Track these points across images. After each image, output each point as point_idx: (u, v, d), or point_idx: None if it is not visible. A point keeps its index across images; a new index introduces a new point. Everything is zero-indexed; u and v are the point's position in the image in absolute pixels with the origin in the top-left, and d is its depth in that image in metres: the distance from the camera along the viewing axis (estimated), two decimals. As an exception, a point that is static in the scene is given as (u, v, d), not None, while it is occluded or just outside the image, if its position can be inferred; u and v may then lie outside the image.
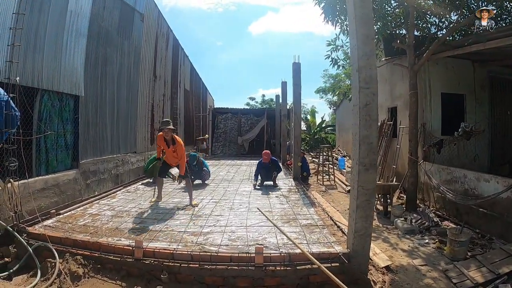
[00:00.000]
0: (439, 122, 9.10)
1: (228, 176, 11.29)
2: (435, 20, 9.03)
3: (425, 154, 8.62)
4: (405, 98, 9.41)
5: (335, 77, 35.21)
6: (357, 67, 3.89)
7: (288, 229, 5.22)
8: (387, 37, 8.93)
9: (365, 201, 3.96)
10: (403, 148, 9.63)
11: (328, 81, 37.84)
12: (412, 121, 8.00)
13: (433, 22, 9.07)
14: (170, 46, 14.92)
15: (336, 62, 8.79)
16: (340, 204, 8.93)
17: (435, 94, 9.06)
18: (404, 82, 9.33)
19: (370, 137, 3.90)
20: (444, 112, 9.15)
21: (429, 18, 8.91)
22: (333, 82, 35.90)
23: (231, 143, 22.29)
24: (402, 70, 9.60)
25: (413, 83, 7.91)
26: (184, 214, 6.09)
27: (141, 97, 11.03)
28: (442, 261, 5.32)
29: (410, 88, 7.97)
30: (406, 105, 9.15)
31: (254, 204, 6.96)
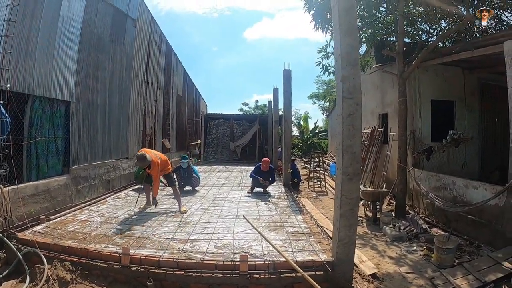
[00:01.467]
0: (428, 129, 9.16)
1: (219, 183, 11.29)
2: (426, 27, 9.13)
3: (414, 161, 8.68)
4: (395, 105, 9.47)
5: (328, 83, 35.43)
6: (340, 77, 3.93)
7: (274, 237, 5.25)
8: (378, 44, 9.01)
9: (348, 210, 3.99)
10: (394, 154, 9.67)
11: (321, 87, 38.19)
12: (402, 128, 8.07)
13: (424, 29, 9.17)
14: (163, 52, 14.94)
15: (326, 69, 8.84)
16: (330, 210, 8.88)
17: (425, 101, 9.13)
18: (395, 89, 9.38)
19: (354, 146, 3.93)
20: (434, 119, 9.22)
21: (420, 25, 9.00)
22: (326, 88, 36.11)
23: (223, 148, 22.34)
24: (392, 77, 9.68)
25: (402, 90, 7.99)
26: (172, 221, 6.10)
27: (133, 103, 11.03)
28: (429, 269, 5.35)
29: (400, 96, 8.05)
30: (396, 112, 9.19)
31: (243, 211, 6.96)
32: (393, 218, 7.65)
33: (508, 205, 5.65)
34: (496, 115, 9.67)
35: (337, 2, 4.00)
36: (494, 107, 9.61)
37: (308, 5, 8.13)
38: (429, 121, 9.17)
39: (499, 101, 9.64)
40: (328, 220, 7.10)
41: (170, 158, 8.30)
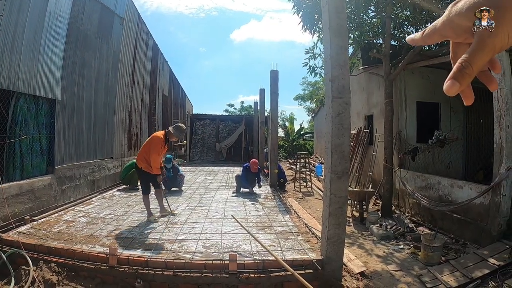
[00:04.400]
0: (414, 130, 9.31)
1: (205, 183, 11.22)
2: (412, 30, 9.26)
3: (400, 162, 8.80)
4: (381, 106, 9.61)
5: (314, 85, 35.70)
6: (330, 77, 3.97)
7: (262, 236, 5.25)
8: (365, 46, 9.12)
9: (337, 209, 4.03)
10: (379, 155, 9.80)
11: (307, 89, 38.46)
12: (388, 129, 8.18)
13: (410, 32, 9.30)
14: (150, 51, 14.83)
15: (313, 70, 8.93)
16: (317, 210, 9.01)
17: (411, 102, 9.27)
18: (381, 90, 9.51)
19: (343, 145, 3.98)
20: (419, 120, 9.37)
21: (406, 28, 9.13)
22: (312, 89, 36.33)
23: (209, 149, 22.17)
24: (378, 78, 9.81)
25: (389, 91, 8.10)
26: (159, 221, 6.05)
27: (119, 102, 10.92)
28: (416, 266, 5.44)
29: (386, 97, 8.16)
30: (382, 113, 9.32)
31: (230, 211, 6.95)
32: (380, 218, 7.75)
33: (493, 203, 5.79)
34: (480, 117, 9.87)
35: (327, 3, 4.04)
36: (478, 109, 9.81)
37: (297, 6, 8.19)
38: (414, 122, 9.32)
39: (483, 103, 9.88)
40: (315, 220, 7.16)
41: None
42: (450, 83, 0.54)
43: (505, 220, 5.73)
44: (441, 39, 0.62)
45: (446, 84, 0.55)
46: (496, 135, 5.88)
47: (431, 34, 0.62)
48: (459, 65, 0.53)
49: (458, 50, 0.62)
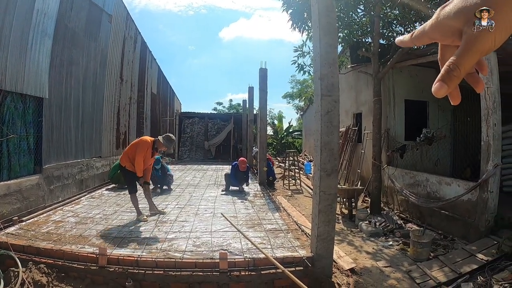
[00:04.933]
0: (402, 128, 9.41)
1: (194, 181, 11.18)
2: (400, 29, 9.35)
3: (388, 159, 8.88)
4: (369, 104, 9.68)
5: (303, 83, 35.66)
6: (319, 75, 3.98)
7: (252, 234, 5.25)
8: (353, 44, 9.18)
9: (327, 206, 4.05)
10: (368, 153, 9.89)
11: (296, 87, 38.29)
12: (376, 126, 8.25)
13: (399, 31, 9.39)
14: (138, 49, 14.66)
15: (302, 68, 8.98)
16: (306, 208, 9.05)
17: (399, 101, 9.36)
18: (369, 88, 9.59)
19: (332, 143, 3.99)
20: (407, 119, 9.47)
21: (395, 27, 9.22)
22: (301, 87, 36.32)
23: (198, 147, 22.10)
24: (367, 77, 9.88)
25: (377, 90, 8.17)
26: (149, 220, 6.00)
27: (107, 100, 10.78)
28: (405, 262, 5.51)
29: (374, 95, 8.23)
30: (370, 111, 9.40)
31: (220, 209, 6.93)
32: (369, 215, 7.82)
33: (480, 200, 5.88)
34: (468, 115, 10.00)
35: (317, 1, 4.05)
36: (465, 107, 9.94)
37: (286, 4, 8.21)
38: (402, 120, 9.41)
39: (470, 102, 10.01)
40: (304, 218, 7.18)
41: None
42: (438, 85, 0.55)
43: (493, 216, 5.83)
44: (430, 41, 0.63)
45: (435, 86, 0.55)
46: (483, 133, 5.96)
47: (420, 36, 0.63)
48: (447, 67, 0.54)
49: (445, 53, 0.62)
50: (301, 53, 8.87)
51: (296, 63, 8.98)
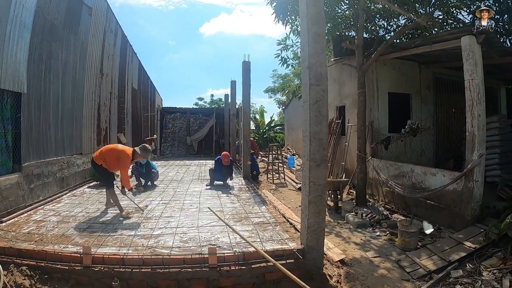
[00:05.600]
0: (386, 120, 9.41)
1: (178, 177, 11.01)
2: (383, 23, 9.36)
3: (373, 151, 8.86)
4: (353, 97, 9.66)
5: (284, 77, 35.54)
6: (307, 64, 3.88)
7: (240, 228, 5.14)
8: (336, 38, 9.13)
9: (317, 197, 3.97)
10: (352, 145, 9.88)
11: (277, 81, 38.00)
12: (361, 119, 8.22)
13: (381, 25, 9.39)
14: (119, 43, 14.20)
15: (285, 61, 8.91)
16: (291, 201, 8.97)
17: (383, 93, 9.35)
18: (353, 81, 9.56)
19: (321, 133, 3.91)
20: (391, 111, 9.48)
21: (377, 21, 9.20)
22: (282, 82, 36.19)
23: (180, 143, 21.76)
24: (350, 70, 9.85)
25: (361, 82, 8.13)
26: (133, 217, 5.82)
27: (87, 95, 10.42)
28: (394, 252, 5.49)
29: (359, 87, 8.19)
30: (354, 104, 9.38)
31: (205, 204, 6.81)
32: (355, 206, 7.79)
33: (466, 189, 5.91)
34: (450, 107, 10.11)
35: (304, -10, 3.95)
36: (447, 100, 10.05)
37: (270, -3, 8.08)
38: (386, 113, 9.41)
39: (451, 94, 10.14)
40: (290, 211, 7.09)
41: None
42: None
43: (478, 205, 5.87)
44: None
45: None
46: (468, 124, 5.98)
47: None
48: None
49: None
50: (284, 46, 8.79)
51: (280, 56, 8.88)
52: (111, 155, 6.13)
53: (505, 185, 7.10)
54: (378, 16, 8.95)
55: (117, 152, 6.16)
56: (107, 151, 6.25)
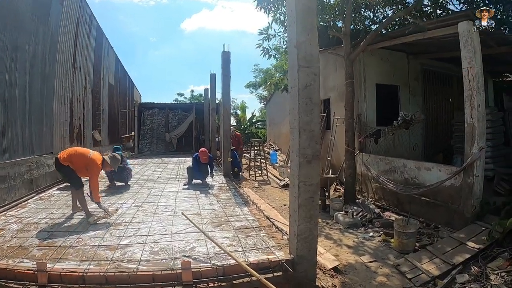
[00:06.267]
0: (374, 113, 8.81)
1: (154, 176, 10.11)
2: (369, 14, 8.81)
3: (361, 145, 8.25)
4: (339, 89, 9.05)
5: (266, 72, 34.69)
6: (295, 42, 3.20)
7: (219, 234, 4.45)
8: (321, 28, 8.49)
9: (308, 199, 3.30)
10: (338, 140, 9.28)
11: (259, 76, 37.07)
12: (349, 111, 7.56)
13: (367, 16, 8.84)
14: (93, 35, 13.18)
15: (267, 51, 8.28)
16: (275, 200, 8.31)
17: (370, 85, 8.74)
18: (338, 73, 8.95)
19: (312, 123, 3.23)
20: (379, 103, 8.89)
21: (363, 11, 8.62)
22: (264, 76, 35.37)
23: (159, 140, 20.60)
24: (336, 61, 9.21)
25: (349, 72, 7.47)
26: (100, 223, 5.06)
27: (58, 90, 9.50)
28: (390, 255, 4.92)
29: (346, 78, 7.51)
30: (340, 96, 8.80)
31: (181, 206, 6.09)
32: (344, 204, 7.17)
33: (465, 185, 5.40)
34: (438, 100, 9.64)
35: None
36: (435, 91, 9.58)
37: (253, -17, 7.41)
38: (374, 105, 8.81)
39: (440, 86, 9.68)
40: (275, 211, 6.41)
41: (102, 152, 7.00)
42: None
43: (478, 202, 5.39)
44: None
45: None
46: (467, 115, 5.42)
47: None
48: None
49: None
50: (266, 36, 8.16)
51: (261, 46, 8.24)
52: (79, 162, 5.37)
53: (500, 179, 6.60)
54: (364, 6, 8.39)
55: (86, 160, 5.40)
56: (76, 155, 5.45)
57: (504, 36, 6.70)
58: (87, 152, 5.55)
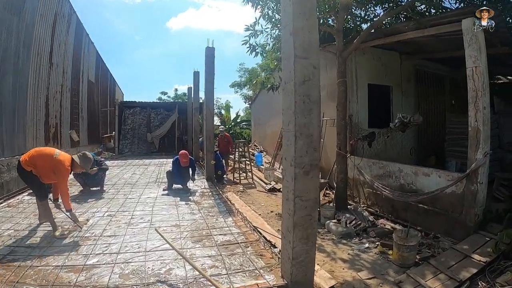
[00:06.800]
0: (366, 114, 8.30)
1: (133, 179, 9.32)
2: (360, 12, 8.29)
3: (352, 148, 7.71)
4: (328, 89, 8.48)
5: (251, 71, 34.04)
6: (291, 29, 2.61)
7: (200, 252, 3.84)
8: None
9: (305, 217, 2.71)
10: (328, 142, 8.72)
11: (244, 75, 36.45)
12: (341, 111, 6.95)
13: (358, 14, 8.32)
14: (72, 30, 12.40)
15: (254, 48, 7.62)
16: (261, 205, 7.65)
17: (362, 84, 8.22)
18: (328, 72, 8.38)
19: (310, 126, 2.66)
20: (371, 104, 8.38)
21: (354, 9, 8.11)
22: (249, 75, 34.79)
23: (140, 140, 19.36)
24: (326, 59, 8.63)
25: (342, 70, 6.88)
26: (67, 237, 4.38)
27: (33, 86, 8.78)
28: (390, 270, 4.38)
29: (339, 76, 6.92)
30: (330, 96, 8.27)
31: (159, 216, 5.43)
32: (336, 212, 6.61)
33: (468, 192, 4.91)
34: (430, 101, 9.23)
35: None
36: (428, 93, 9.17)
37: (239, -25, 6.80)
38: (366, 106, 8.30)
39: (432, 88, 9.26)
40: (262, 219, 5.81)
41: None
42: None
43: (482, 210, 4.90)
44: None
45: None
46: (471, 117, 4.93)
47: None
48: None
49: None
50: (253, 33, 7.50)
51: (248, 43, 7.59)
52: (45, 164, 4.52)
53: (499, 184, 6.16)
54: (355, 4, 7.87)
55: (52, 161, 4.54)
56: (40, 157, 4.59)
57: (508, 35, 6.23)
58: (52, 152, 4.69)
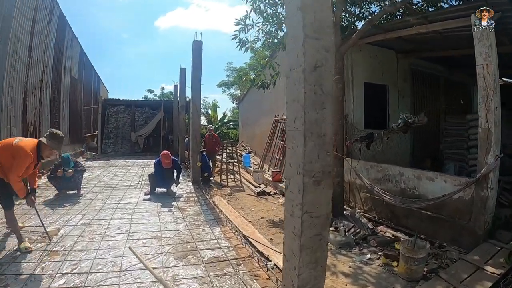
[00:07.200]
0: (362, 114, 7.83)
1: (113, 182, 8.71)
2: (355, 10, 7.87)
3: (347, 150, 7.21)
4: (321, 87, 8.01)
5: (239, 70, 33.49)
6: (299, 4, 2.06)
7: (184, 271, 3.28)
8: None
9: (314, 237, 2.16)
10: (323, 144, 8.24)
11: (232, 75, 35.78)
12: (338, 111, 6.46)
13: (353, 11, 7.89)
14: (54, 23, 11.56)
15: (244, 43, 7.15)
16: (251, 211, 7.06)
17: (358, 83, 7.74)
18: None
19: (323, 124, 2.11)
20: (366, 103, 7.93)
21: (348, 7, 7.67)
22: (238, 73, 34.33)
23: (124, 139, 18.62)
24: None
25: (339, 67, 6.35)
26: (34, 250, 3.77)
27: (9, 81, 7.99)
28: (397, 285, 3.89)
29: (336, 73, 6.38)
30: (323, 95, 7.74)
31: (138, 224, 4.86)
32: (333, 219, 6.08)
33: (477, 198, 4.48)
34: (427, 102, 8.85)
35: None
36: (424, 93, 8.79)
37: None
38: (362, 105, 7.82)
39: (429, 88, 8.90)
40: (252, 227, 5.26)
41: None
42: None
43: (491, 217, 4.47)
44: None
45: None
46: (481, 118, 4.48)
47: None
48: None
49: None
50: (243, 27, 7.02)
51: (237, 38, 7.11)
52: (5, 153, 3.80)
53: (502, 188, 5.75)
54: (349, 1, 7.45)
55: (11, 147, 3.82)
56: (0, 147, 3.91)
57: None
58: (12, 140, 3.99)
